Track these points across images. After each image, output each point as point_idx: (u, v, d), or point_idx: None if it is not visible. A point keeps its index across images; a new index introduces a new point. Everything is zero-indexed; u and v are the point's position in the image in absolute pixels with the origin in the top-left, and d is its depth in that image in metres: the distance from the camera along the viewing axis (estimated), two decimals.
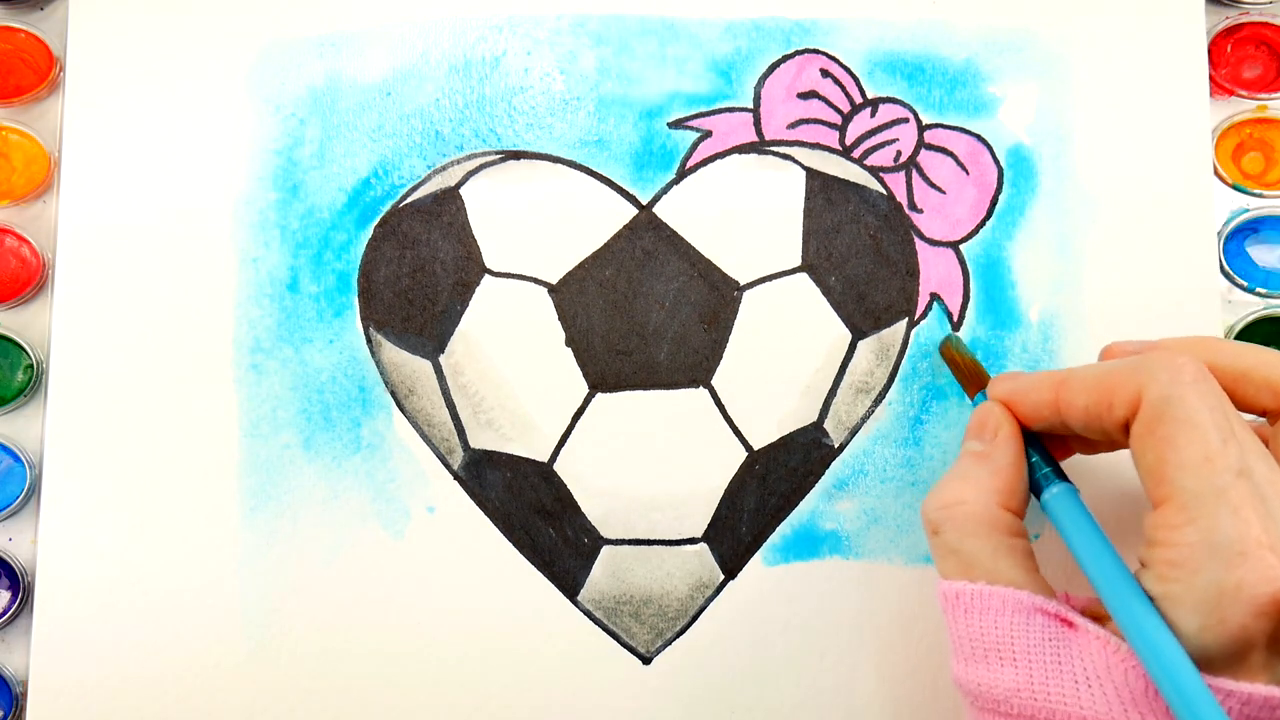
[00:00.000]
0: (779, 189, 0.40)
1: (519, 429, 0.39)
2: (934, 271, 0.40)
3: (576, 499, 0.39)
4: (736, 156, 0.40)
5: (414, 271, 0.39)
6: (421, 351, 0.39)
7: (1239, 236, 0.41)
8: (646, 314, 0.39)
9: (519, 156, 0.40)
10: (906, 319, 0.39)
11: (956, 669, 0.31)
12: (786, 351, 0.39)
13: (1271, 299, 0.40)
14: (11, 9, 0.41)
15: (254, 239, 0.39)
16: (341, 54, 0.40)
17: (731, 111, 0.40)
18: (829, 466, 0.39)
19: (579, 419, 0.39)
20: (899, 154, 0.40)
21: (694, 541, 0.39)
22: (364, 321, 0.39)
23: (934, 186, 0.40)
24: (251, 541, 0.38)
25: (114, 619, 0.38)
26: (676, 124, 0.40)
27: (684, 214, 0.40)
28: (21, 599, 0.38)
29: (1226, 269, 0.40)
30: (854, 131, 0.40)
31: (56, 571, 0.38)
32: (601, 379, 0.39)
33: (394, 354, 0.39)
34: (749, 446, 0.39)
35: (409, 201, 0.40)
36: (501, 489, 0.39)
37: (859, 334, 0.39)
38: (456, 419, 0.39)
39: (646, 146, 0.40)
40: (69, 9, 0.40)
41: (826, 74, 0.40)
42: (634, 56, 0.40)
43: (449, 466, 0.39)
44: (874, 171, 0.40)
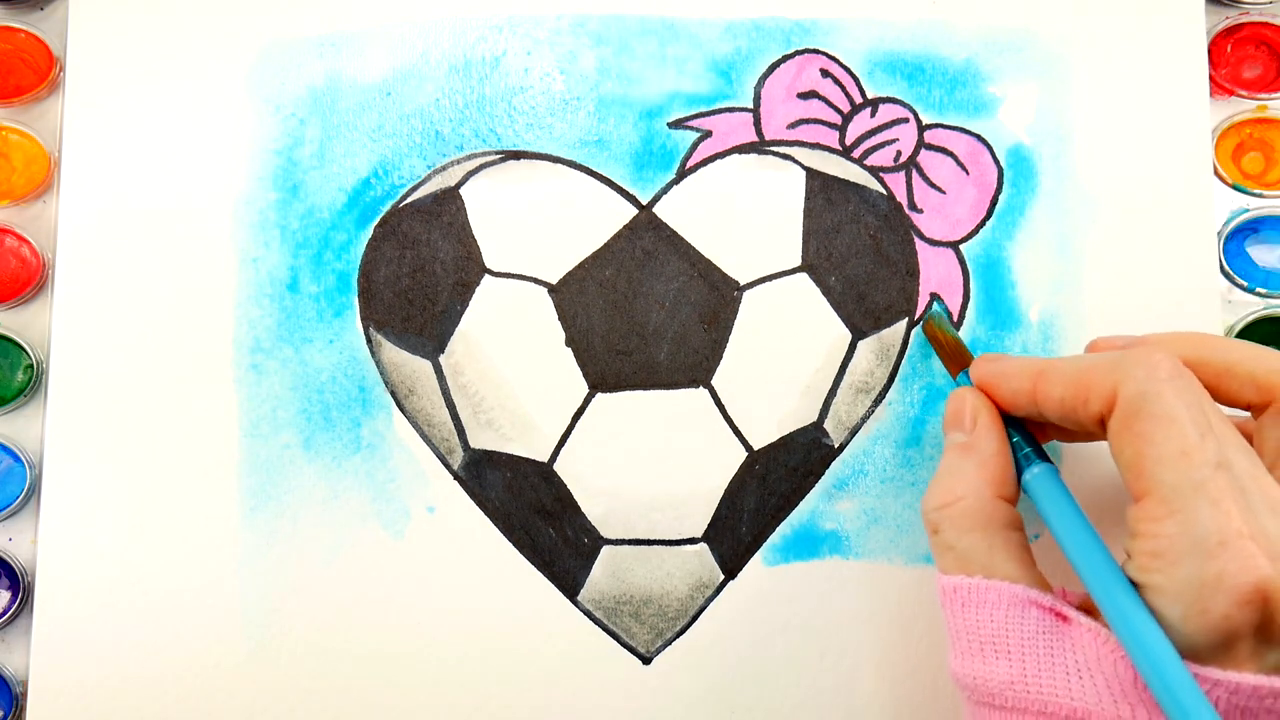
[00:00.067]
0: (779, 189, 0.40)
1: (519, 429, 0.39)
2: (934, 271, 0.40)
3: (576, 499, 0.39)
4: (736, 156, 0.40)
5: (414, 271, 0.39)
6: (421, 351, 0.39)
7: (1239, 236, 0.41)
8: (646, 314, 0.39)
9: (519, 156, 0.40)
10: (906, 319, 0.39)
11: (954, 663, 0.31)
12: (786, 351, 0.39)
13: (1271, 299, 0.40)
14: (11, 9, 0.41)
15: (254, 239, 0.39)
16: (341, 54, 0.40)
17: (731, 111, 0.40)
18: (829, 466, 0.39)
19: (579, 419, 0.39)
20: (899, 154, 0.40)
21: (694, 541, 0.39)
22: (364, 321, 0.39)
23: (934, 186, 0.40)
24: (251, 541, 0.38)
25: (114, 619, 0.38)
26: (676, 124, 0.40)
27: (684, 214, 0.40)
28: (21, 599, 0.38)
29: (1226, 269, 0.40)
30: (854, 131, 0.40)
31: (56, 571, 0.38)
32: (601, 379, 0.39)
33: (394, 354, 0.39)
34: (749, 446, 0.39)
35: (409, 201, 0.39)
36: (501, 489, 0.39)
37: (859, 334, 0.39)
38: (456, 419, 0.39)
39: (646, 146, 0.40)
40: (69, 9, 0.40)
41: (826, 74, 0.40)
42: (634, 56, 0.40)
43: (449, 466, 0.39)
44: (874, 171, 0.40)
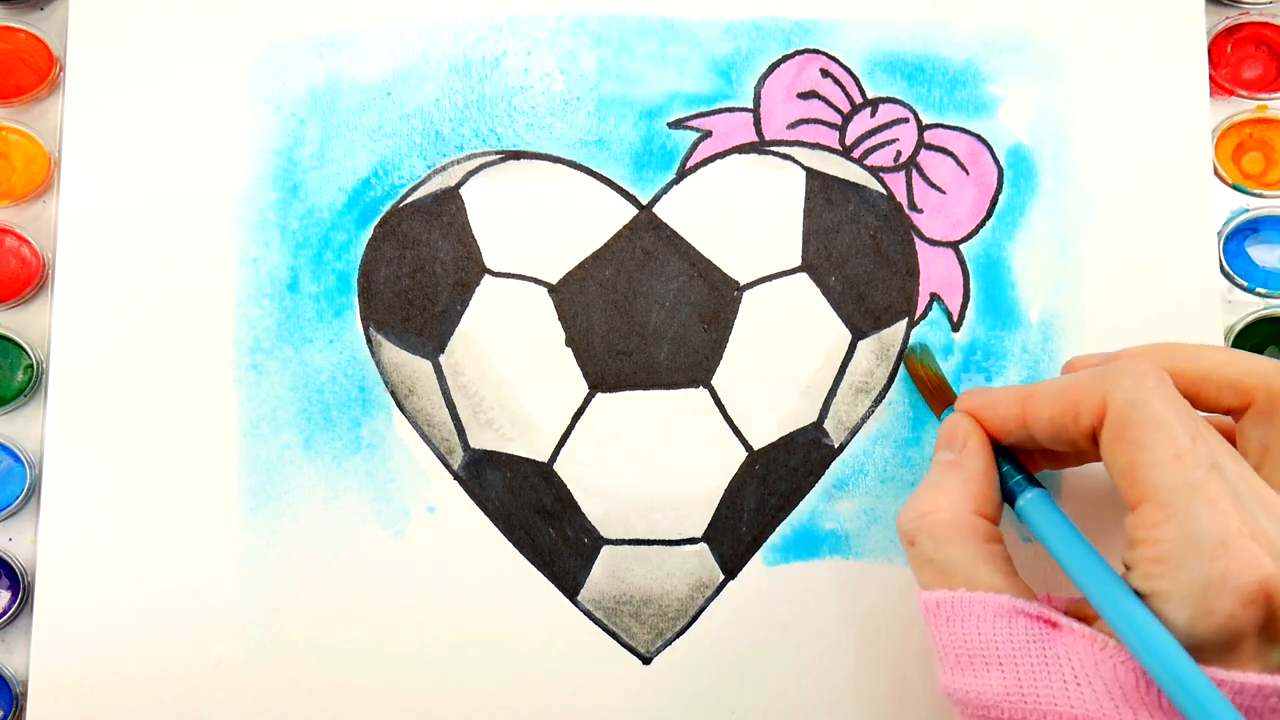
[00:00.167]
0: (779, 189, 0.40)
1: (519, 429, 0.39)
2: (934, 271, 0.40)
3: (576, 499, 0.39)
4: (736, 156, 0.40)
5: (414, 271, 0.39)
6: (421, 351, 0.39)
7: (1239, 236, 0.41)
8: (646, 314, 0.39)
9: (519, 156, 0.40)
10: (906, 319, 0.39)
11: (944, 678, 0.31)
12: (786, 351, 0.39)
13: (1271, 299, 0.40)
14: (11, 9, 0.41)
15: (254, 239, 0.39)
16: (341, 54, 0.40)
17: (731, 111, 0.40)
18: (829, 466, 0.39)
19: (579, 419, 0.39)
20: (899, 154, 0.40)
21: (694, 541, 0.39)
22: (364, 321, 0.39)
23: (934, 186, 0.40)
24: (251, 541, 0.38)
25: (114, 619, 0.38)
26: (676, 124, 0.40)
27: (684, 214, 0.40)
28: (21, 599, 0.38)
29: (1226, 269, 0.40)
30: (854, 131, 0.40)
31: (56, 571, 0.38)
32: (601, 379, 0.39)
33: (394, 354, 0.39)
34: (749, 446, 0.39)
35: (409, 201, 0.39)
36: (501, 489, 0.39)
37: (859, 334, 0.39)
38: (456, 419, 0.39)
39: (646, 146, 0.40)
40: (69, 9, 0.40)
41: (826, 74, 0.40)
42: (634, 56, 0.40)
43: (449, 466, 0.39)
44: (874, 171, 0.40)
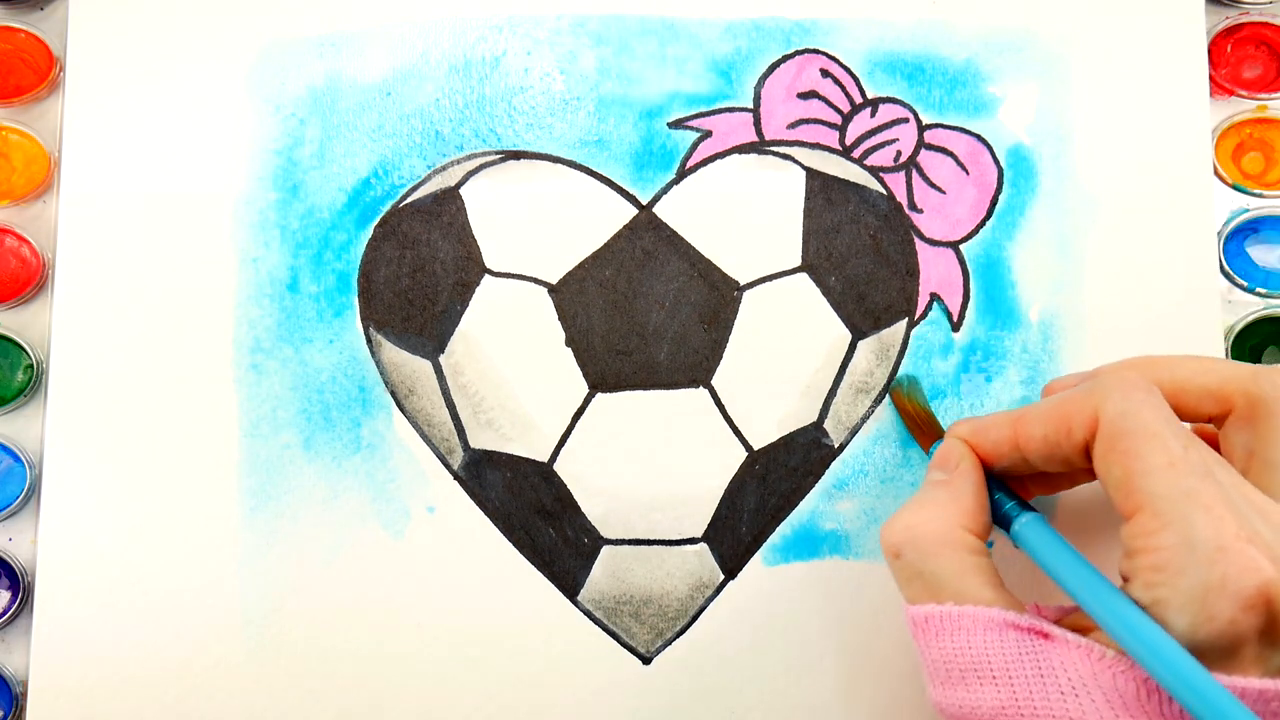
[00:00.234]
0: (779, 189, 0.40)
1: (519, 429, 0.39)
2: (934, 271, 0.39)
3: (576, 499, 0.39)
4: (736, 156, 0.40)
5: (414, 271, 0.39)
6: (421, 351, 0.39)
7: (1239, 236, 0.41)
8: (646, 314, 0.39)
9: (519, 156, 0.40)
10: (906, 319, 0.39)
11: (935, 693, 0.31)
12: (786, 351, 0.39)
13: (1271, 299, 0.40)
14: (11, 9, 0.41)
15: (254, 239, 0.39)
16: (341, 54, 0.40)
17: (731, 111, 0.40)
18: (829, 466, 0.39)
19: (579, 419, 0.39)
20: (899, 154, 0.40)
21: (694, 541, 0.39)
22: (364, 321, 0.39)
23: (934, 186, 0.40)
24: (251, 541, 0.38)
25: (114, 619, 0.38)
26: (676, 124, 0.40)
27: (684, 214, 0.40)
28: (21, 599, 0.38)
29: (1226, 269, 0.40)
30: (854, 131, 0.40)
31: (56, 571, 0.38)
32: (601, 379, 0.39)
33: (394, 354, 0.39)
34: (749, 446, 0.39)
35: (409, 201, 0.39)
36: (501, 489, 0.39)
37: (859, 334, 0.39)
38: (456, 419, 0.39)
39: (646, 146, 0.40)
40: (69, 9, 0.40)
41: (826, 74, 0.40)
42: (634, 56, 0.40)
43: (449, 466, 0.39)
44: (874, 171, 0.40)
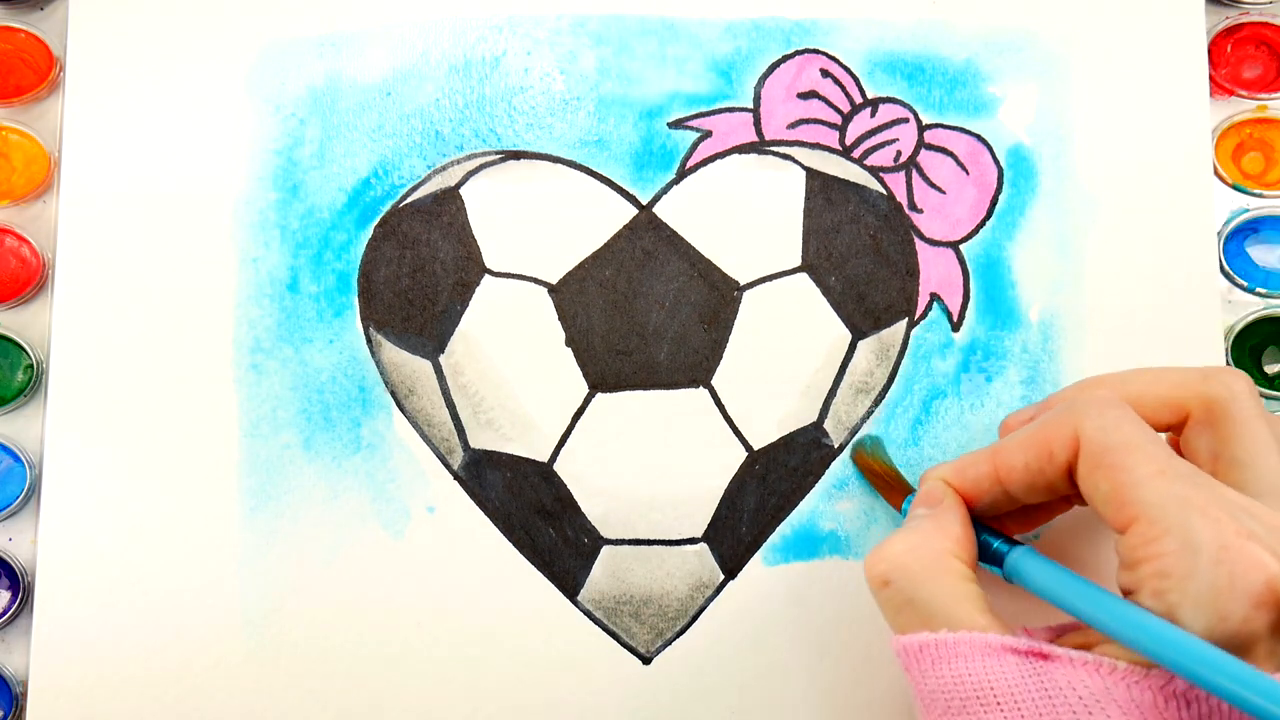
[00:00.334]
0: (779, 189, 0.40)
1: (519, 429, 0.39)
2: (934, 271, 0.39)
3: (576, 499, 0.39)
4: (736, 156, 0.40)
5: (414, 271, 0.39)
6: (421, 351, 0.39)
7: (1239, 236, 0.41)
8: (646, 314, 0.39)
9: (519, 156, 0.40)
10: (906, 319, 0.39)
11: None
12: (786, 351, 0.39)
13: (1271, 299, 0.40)
14: (11, 9, 0.41)
15: (254, 239, 0.39)
16: (341, 54, 0.40)
17: (731, 111, 0.40)
18: (829, 466, 0.39)
19: (579, 419, 0.39)
20: (899, 154, 0.40)
21: (694, 541, 0.39)
22: (364, 321, 0.39)
23: (934, 186, 0.40)
24: (251, 541, 0.38)
25: (114, 619, 0.38)
26: (676, 124, 0.40)
27: (684, 214, 0.40)
28: (21, 599, 0.38)
29: (1226, 269, 0.40)
30: (854, 131, 0.40)
31: (56, 571, 0.38)
32: (601, 379, 0.39)
33: (394, 354, 0.39)
34: (749, 446, 0.39)
35: (409, 201, 0.39)
36: (501, 489, 0.39)
37: (859, 334, 0.39)
38: (456, 419, 0.39)
39: (646, 146, 0.40)
40: (69, 9, 0.40)
41: (826, 74, 0.40)
42: (634, 56, 0.40)
43: (449, 466, 0.39)
44: (874, 171, 0.40)
